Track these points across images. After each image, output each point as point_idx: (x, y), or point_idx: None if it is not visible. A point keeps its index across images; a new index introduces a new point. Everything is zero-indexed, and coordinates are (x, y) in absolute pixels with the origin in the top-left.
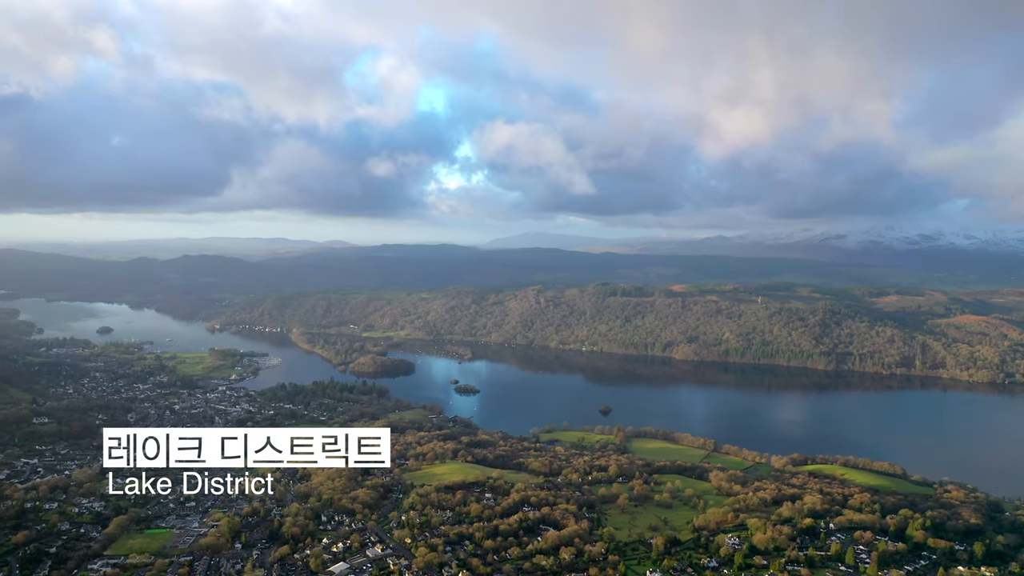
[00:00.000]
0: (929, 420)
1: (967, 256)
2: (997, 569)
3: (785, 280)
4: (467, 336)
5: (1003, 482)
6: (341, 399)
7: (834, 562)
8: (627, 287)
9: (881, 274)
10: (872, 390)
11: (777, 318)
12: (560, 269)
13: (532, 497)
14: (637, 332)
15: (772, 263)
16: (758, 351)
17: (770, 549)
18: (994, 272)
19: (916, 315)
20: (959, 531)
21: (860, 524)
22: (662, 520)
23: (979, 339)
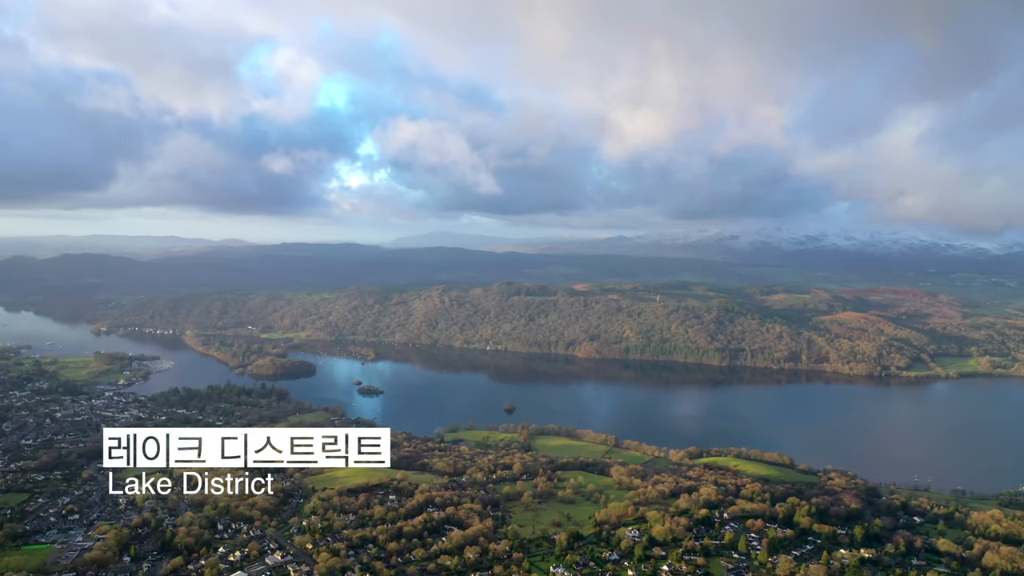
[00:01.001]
0: (814, 412)
1: (848, 256)
2: (875, 550)
3: (682, 279)
4: (370, 336)
5: (880, 468)
6: (239, 403)
7: (728, 550)
8: (531, 286)
9: (771, 273)
10: (763, 384)
11: (675, 316)
12: (464, 268)
13: (437, 497)
14: (541, 331)
15: (670, 263)
16: (657, 348)
17: (668, 540)
18: (872, 271)
19: (802, 312)
20: (841, 516)
21: (752, 513)
22: (565, 516)
23: (859, 334)
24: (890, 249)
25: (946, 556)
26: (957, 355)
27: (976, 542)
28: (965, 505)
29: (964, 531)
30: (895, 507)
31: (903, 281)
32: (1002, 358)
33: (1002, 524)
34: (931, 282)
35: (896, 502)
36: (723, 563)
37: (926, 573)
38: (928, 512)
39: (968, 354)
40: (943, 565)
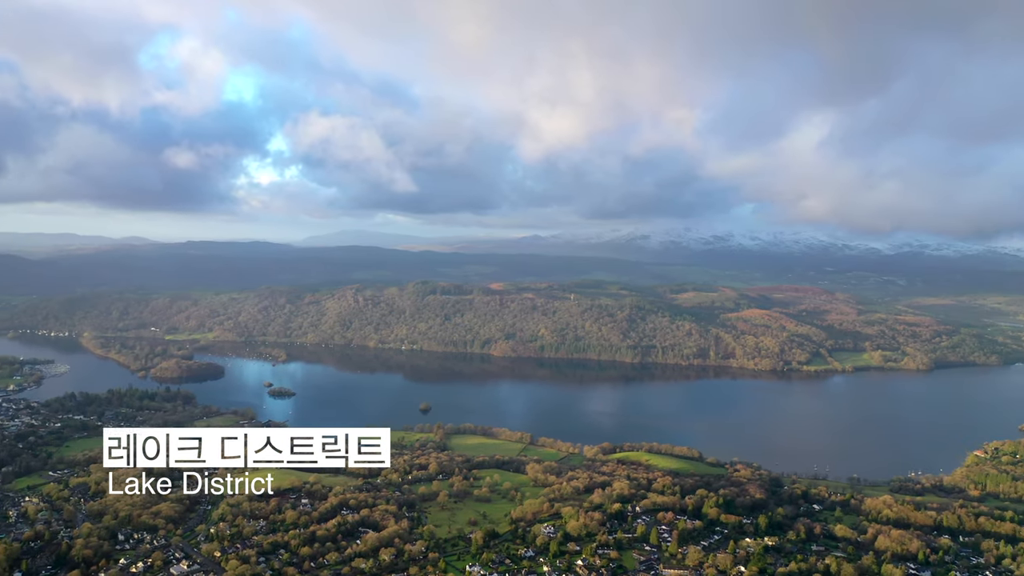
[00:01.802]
0: (722, 406)
1: (753, 255)
2: (778, 538)
3: (596, 278)
4: (282, 337)
5: (783, 459)
6: (141, 407)
7: (640, 543)
8: (447, 285)
9: (680, 272)
10: (673, 380)
11: (589, 314)
12: (379, 267)
13: (351, 500)
14: (457, 330)
15: (584, 262)
16: (571, 346)
17: (582, 535)
18: (775, 270)
19: (710, 310)
20: (746, 506)
21: (663, 506)
22: (481, 514)
23: (763, 331)
24: (792, 249)
25: (842, 541)
26: (852, 350)
27: (870, 527)
28: (860, 492)
29: (859, 517)
30: (796, 496)
31: (804, 279)
32: (892, 352)
33: (893, 509)
34: (829, 280)
35: (797, 491)
36: (635, 556)
37: (824, 558)
38: (826, 500)
39: (862, 349)
40: (840, 550)
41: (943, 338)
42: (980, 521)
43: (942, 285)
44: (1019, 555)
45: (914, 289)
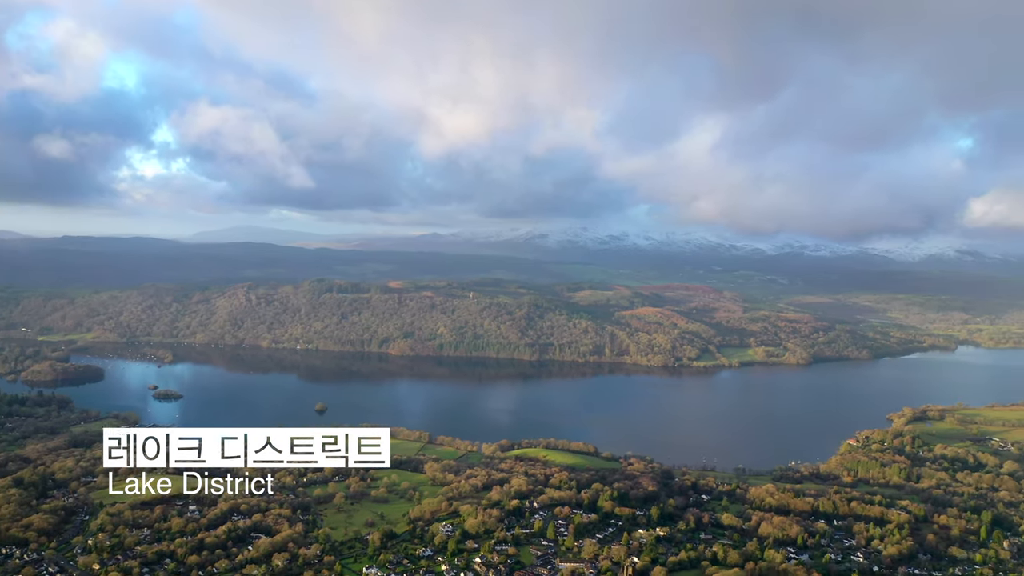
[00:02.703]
0: (617, 401)
1: (647, 255)
2: (669, 528)
3: (495, 276)
4: (168, 337)
5: (674, 452)
6: (10, 413)
7: (538, 538)
8: (344, 284)
9: (577, 271)
10: (570, 377)
11: (488, 312)
12: (273, 265)
13: (242, 505)
14: (354, 329)
15: (483, 260)
16: (470, 344)
17: (481, 532)
18: (667, 269)
19: (606, 308)
20: (640, 498)
21: (560, 500)
22: (379, 515)
23: (655, 328)
24: (683, 249)
25: (729, 529)
26: (738, 346)
27: (754, 514)
28: (745, 482)
29: (744, 505)
30: (686, 487)
31: (694, 278)
32: (775, 348)
33: (775, 497)
34: (717, 279)
35: (687, 482)
36: (533, 551)
37: (712, 546)
38: (714, 490)
39: (748, 345)
40: (726, 537)
41: (820, 334)
42: (852, 506)
43: (820, 284)
44: (886, 536)
45: (795, 288)
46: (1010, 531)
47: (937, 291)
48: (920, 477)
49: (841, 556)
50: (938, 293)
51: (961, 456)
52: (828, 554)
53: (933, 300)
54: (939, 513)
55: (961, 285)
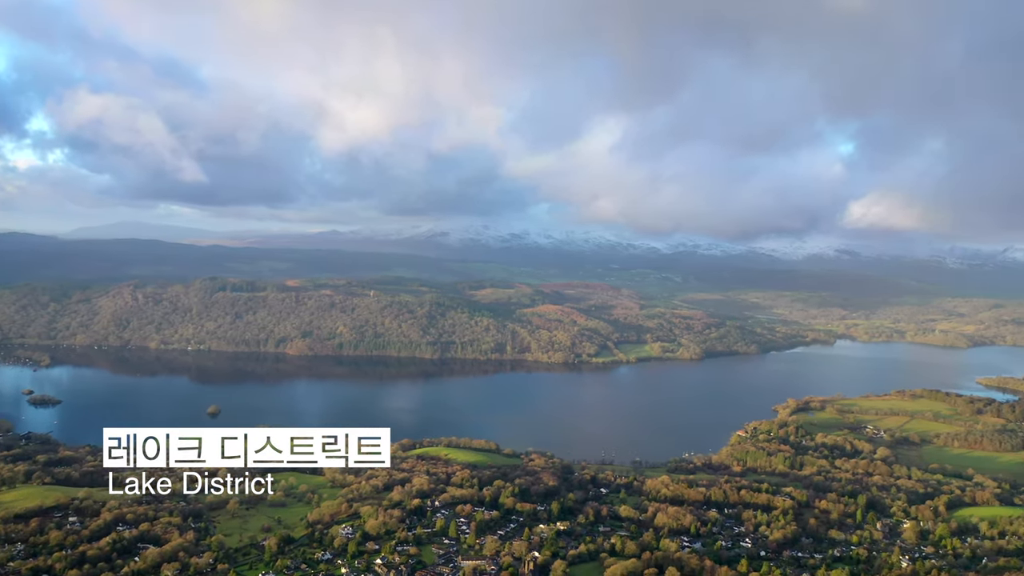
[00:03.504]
0: (518, 398)
1: (547, 253)
2: (569, 522)
3: (396, 274)
4: (45, 339)
5: (574, 447)
6: None
7: (439, 536)
8: (238, 282)
9: (479, 269)
10: (472, 375)
11: (388, 311)
12: (162, 263)
13: (128, 514)
14: (249, 328)
15: (384, 258)
16: (371, 343)
17: (382, 534)
18: (567, 267)
19: (507, 305)
20: (540, 494)
21: (461, 499)
22: (276, 520)
23: (556, 325)
24: (582, 247)
25: (627, 521)
26: (636, 342)
27: (650, 506)
28: (642, 474)
29: (641, 497)
30: (586, 481)
31: (593, 276)
32: (670, 343)
33: (669, 488)
34: (615, 277)
35: (587, 476)
36: (435, 550)
37: (610, 538)
38: (612, 483)
39: (644, 341)
40: (624, 529)
41: (712, 330)
42: (741, 494)
43: (712, 282)
44: (772, 522)
45: (688, 285)
46: (883, 513)
47: (818, 288)
48: (803, 465)
49: (731, 542)
50: (819, 290)
51: (839, 444)
52: (719, 541)
53: (814, 297)
54: (820, 498)
55: (839, 283)
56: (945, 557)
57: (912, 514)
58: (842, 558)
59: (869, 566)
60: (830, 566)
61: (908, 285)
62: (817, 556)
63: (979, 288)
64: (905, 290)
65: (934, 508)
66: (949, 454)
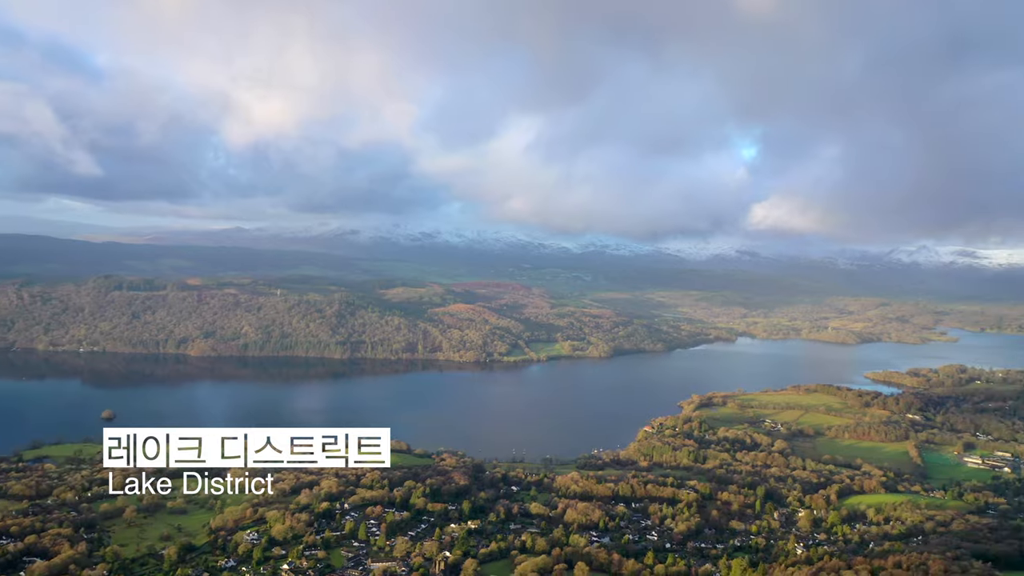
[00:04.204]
0: (430, 398)
1: (459, 252)
2: (480, 521)
3: (304, 273)
4: None
5: (486, 445)
6: None
7: (349, 539)
8: (136, 280)
9: (390, 267)
10: (383, 374)
11: (296, 310)
12: (50, 260)
13: (13, 526)
14: (147, 329)
15: (291, 256)
16: (278, 343)
17: (289, 538)
18: (479, 266)
19: (419, 305)
20: (452, 493)
21: (371, 500)
22: (176, 527)
23: (467, 324)
24: (494, 247)
25: (537, 518)
26: (546, 340)
27: (560, 502)
28: (552, 471)
29: (551, 494)
30: (497, 480)
31: (504, 276)
32: (580, 342)
33: (579, 484)
34: (526, 277)
35: (498, 475)
36: (344, 553)
37: (521, 535)
38: (523, 481)
39: (555, 339)
40: (535, 526)
41: (620, 328)
42: (648, 488)
43: (620, 281)
44: (677, 514)
45: (598, 285)
46: (780, 503)
47: (721, 288)
48: (706, 458)
49: (638, 536)
50: (722, 289)
51: (740, 437)
52: (627, 535)
53: (718, 296)
54: (722, 490)
55: (741, 282)
56: (836, 543)
57: (806, 503)
58: (742, 547)
59: (767, 554)
60: (731, 555)
61: (803, 285)
62: (719, 546)
63: (867, 288)
64: (801, 290)
65: (826, 497)
66: (840, 445)
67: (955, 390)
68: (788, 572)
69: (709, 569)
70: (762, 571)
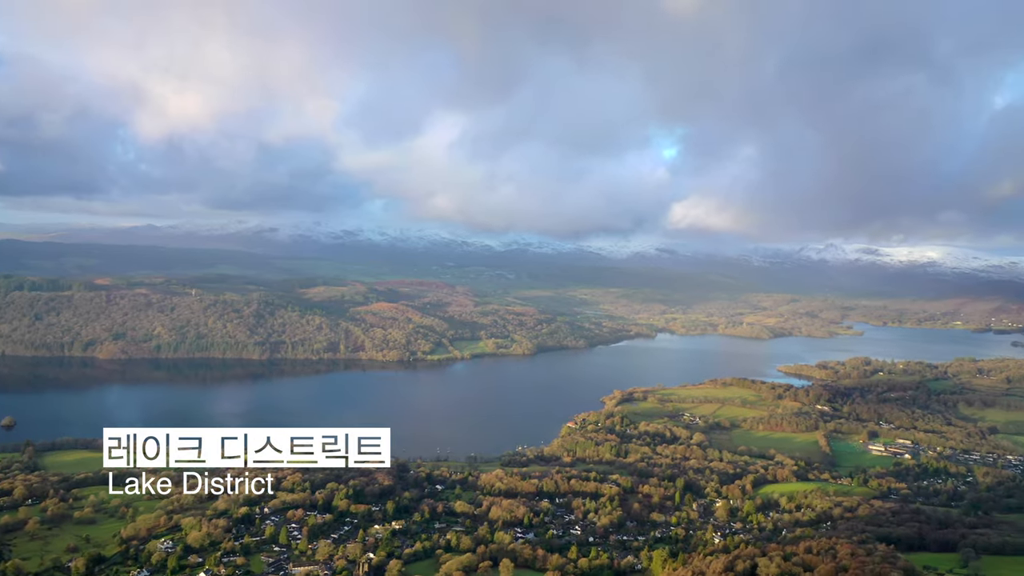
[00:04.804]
0: (352, 397)
1: (381, 250)
2: (404, 521)
3: (220, 272)
4: None
5: (410, 445)
6: None
7: (269, 544)
8: (38, 280)
9: (310, 266)
10: (304, 375)
11: (212, 310)
12: None
13: None
14: (51, 331)
15: (207, 254)
16: (193, 345)
17: (206, 545)
18: (401, 264)
19: (340, 304)
20: (375, 494)
21: (293, 503)
22: (84, 538)
23: (391, 323)
24: (416, 245)
25: (462, 516)
26: (470, 338)
27: (485, 500)
28: (477, 469)
29: (476, 492)
30: (421, 479)
31: (427, 274)
32: (503, 339)
33: (503, 481)
34: (450, 275)
35: (422, 474)
36: (264, 558)
37: (446, 534)
38: (448, 479)
39: (479, 337)
40: (460, 524)
41: (544, 326)
42: (571, 483)
43: (543, 279)
44: (600, 508)
45: (521, 283)
46: (698, 494)
47: (641, 285)
48: (628, 453)
49: (562, 531)
50: (642, 287)
51: (660, 431)
52: (551, 530)
53: (638, 293)
54: (643, 483)
55: (660, 280)
56: (751, 531)
57: (723, 493)
58: (663, 539)
59: (686, 544)
60: (652, 547)
61: (720, 282)
62: (640, 538)
63: (779, 284)
64: (717, 286)
65: (742, 487)
66: (755, 436)
67: (860, 381)
68: (706, 561)
69: (631, 561)
70: (682, 561)
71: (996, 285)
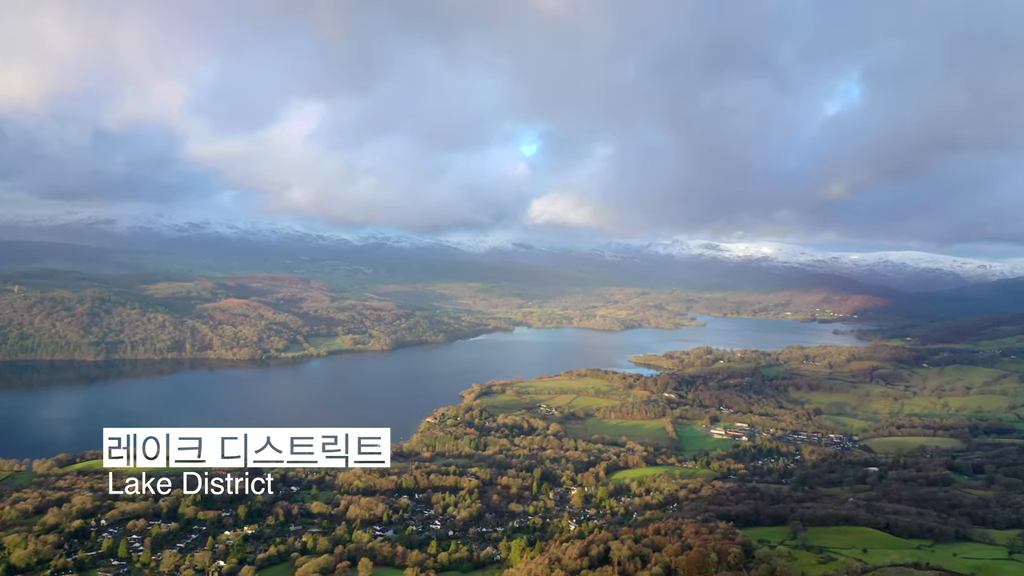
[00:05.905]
0: (199, 399)
1: (231, 244)
2: (257, 525)
3: (47, 267)
4: None
5: None
6: None
7: (107, 558)
8: None
9: (152, 260)
10: (145, 376)
11: (38, 308)
12: None
13: None
14: None
15: (32, 248)
16: (15, 346)
17: (33, 564)
18: (253, 259)
19: (186, 300)
20: (226, 499)
21: (133, 513)
22: None
23: (241, 320)
24: (269, 238)
25: (319, 516)
26: (327, 335)
27: (342, 499)
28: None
29: (333, 491)
30: (275, 480)
31: (281, 268)
32: (361, 335)
33: (362, 479)
34: (305, 269)
35: (276, 476)
36: (101, 573)
37: (301, 536)
38: (304, 480)
39: (336, 334)
40: (316, 525)
41: (402, 321)
42: (431, 478)
43: (401, 273)
44: (459, 502)
45: (379, 277)
46: (554, 483)
47: (499, 279)
48: (487, 445)
49: (422, 526)
50: (499, 281)
51: (518, 423)
52: (411, 527)
53: (496, 287)
54: (502, 475)
55: (517, 274)
56: (605, 516)
57: (578, 481)
58: (521, 528)
59: (544, 532)
60: (511, 537)
61: (575, 276)
62: (499, 529)
63: (630, 278)
64: (572, 280)
65: (596, 474)
66: (607, 425)
67: (703, 370)
68: (562, 548)
69: (491, 552)
70: (539, 549)
71: (821, 278)
